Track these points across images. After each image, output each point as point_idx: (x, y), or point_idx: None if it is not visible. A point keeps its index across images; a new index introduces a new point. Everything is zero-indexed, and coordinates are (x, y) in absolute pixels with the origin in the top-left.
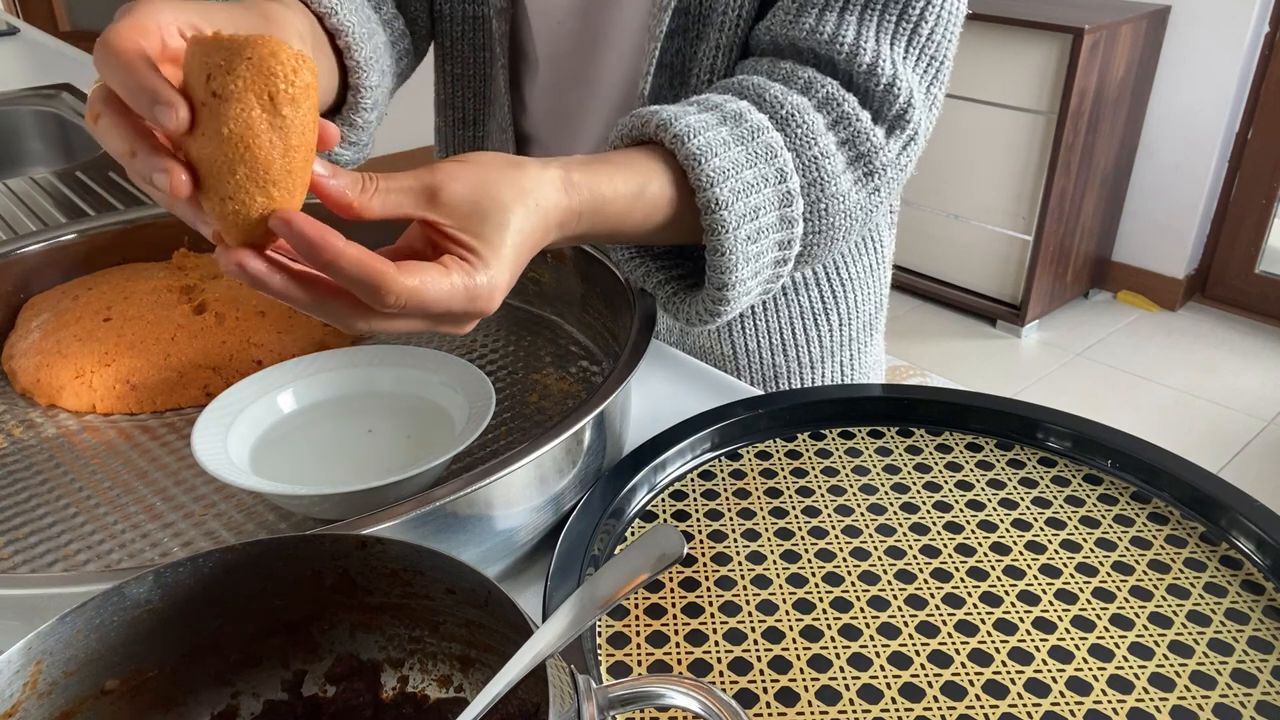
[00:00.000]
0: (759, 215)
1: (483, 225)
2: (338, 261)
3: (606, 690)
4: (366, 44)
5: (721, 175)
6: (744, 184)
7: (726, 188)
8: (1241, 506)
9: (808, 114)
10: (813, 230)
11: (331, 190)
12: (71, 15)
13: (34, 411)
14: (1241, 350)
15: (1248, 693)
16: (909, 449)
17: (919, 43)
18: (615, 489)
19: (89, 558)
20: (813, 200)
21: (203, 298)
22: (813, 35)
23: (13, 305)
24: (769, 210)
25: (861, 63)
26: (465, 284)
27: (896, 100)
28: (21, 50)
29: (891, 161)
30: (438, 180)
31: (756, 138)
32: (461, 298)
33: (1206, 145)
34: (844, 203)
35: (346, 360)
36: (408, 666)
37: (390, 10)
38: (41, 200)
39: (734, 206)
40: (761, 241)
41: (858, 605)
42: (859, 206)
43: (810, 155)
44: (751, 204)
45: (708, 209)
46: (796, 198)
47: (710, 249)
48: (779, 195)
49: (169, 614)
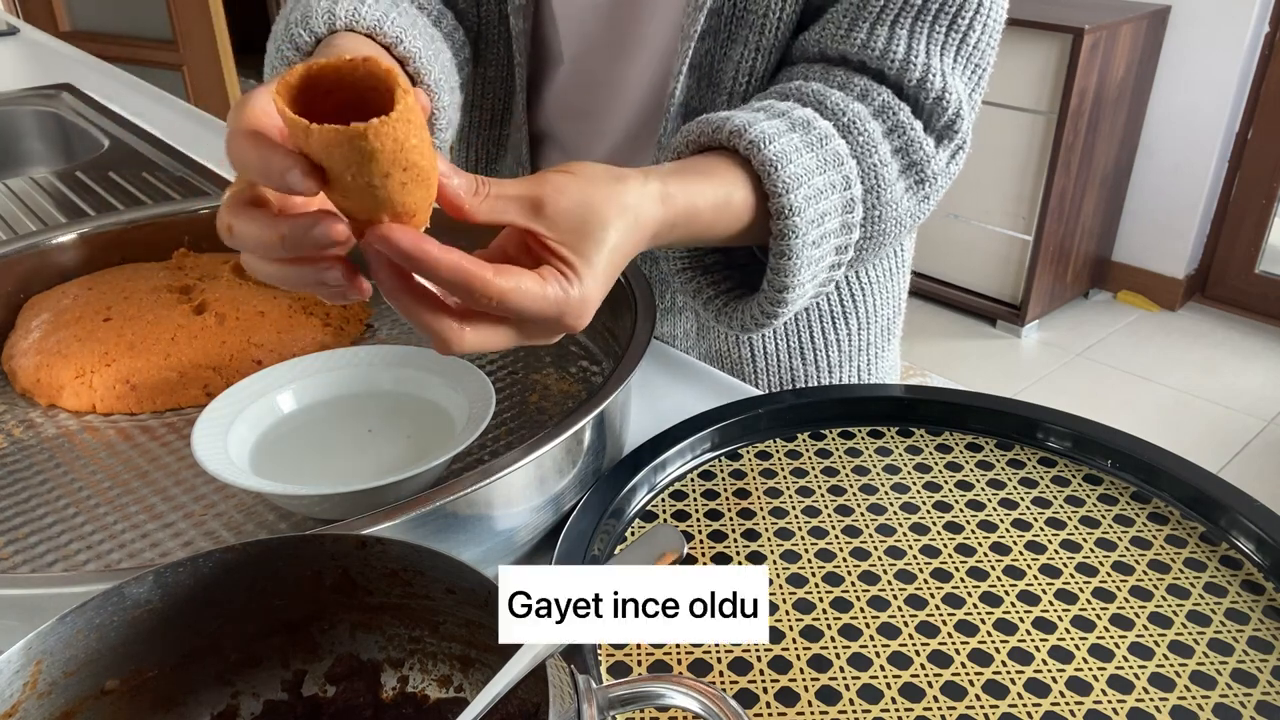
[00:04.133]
0: (824, 221)
1: (583, 241)
2: (436, 267)
3: (606, 690)
4: (435, 65)
5: (795, 182)
6: (814, 190)
7: (799, 194)
8: (1241, 506)
9: (867, 122)
10: (865, 235)
11: (449, 190)
12: (71, 15)
13: (34, 411)
14: (1241, 350)
15: (1248, 693)
16: (909, 449)
17: (966, 51)
18: (615, 489)
19: (89, 558)
20: (869, 206)
21: (203, 298)
22: (865, 49)
23: (13, 305)
24: (833, 216)
25: (913, 77)
26: (559, 296)
27: (946, 111)
28: (21, 50)
29: (941, 170)
30: (544, 193)
31: (824, 145)
32: (554, 309)
33: (1206, 145)
34: (896, 209)
35: (346, 360)
36: (408, 666)
37: (450, 23)
38: (41, 200)
39: (805, 212)
40: (824, 246)
41: (858, 605)
42: (909, 214)
43: (869, 163)
44: (819, 209)
45: (781, 214)
46: (857, 204)
47: (776, 253)
48: (843, 201)
49: (169, 614)
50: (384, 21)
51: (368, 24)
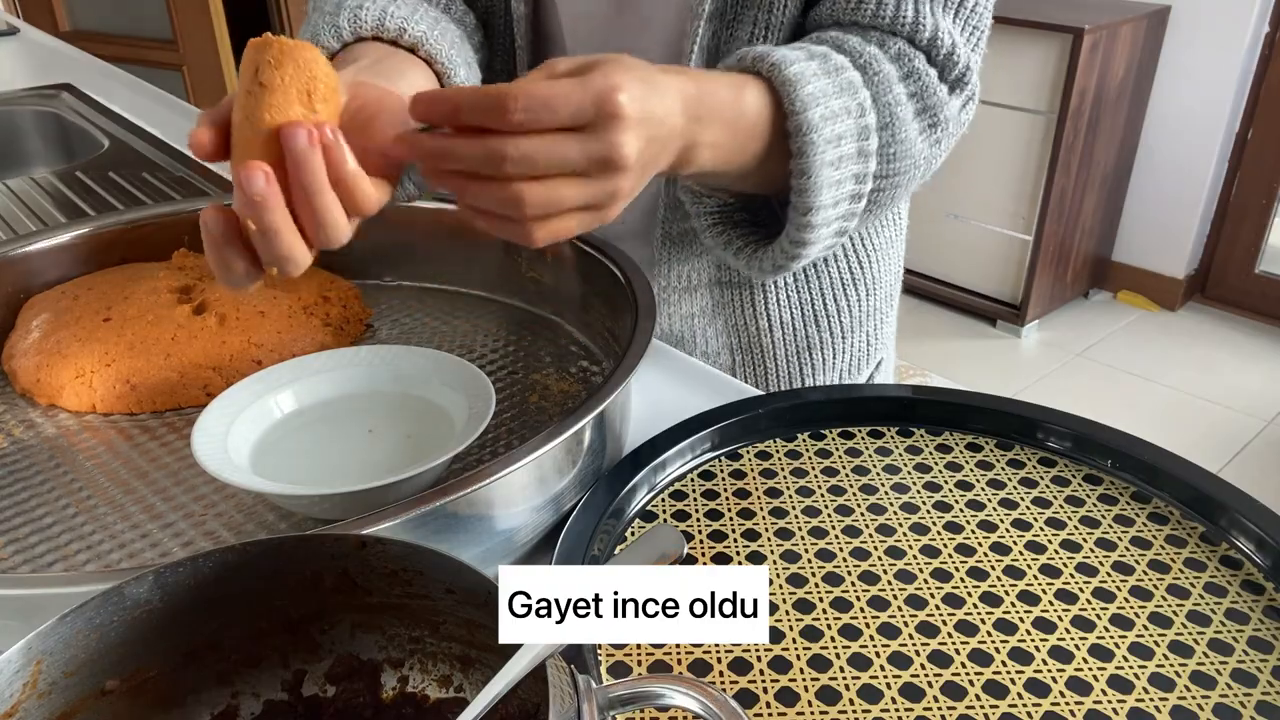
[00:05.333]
0: (841, 143)
1: (595, 62)
2: (458, 99)
3: (606, 690)
4: (444, 44)
5: (813, 100)
6: (830, 111)
7: (816, 112)
8: (1241, 506)
9: (883, 63)
10: (882, 174)
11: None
12: (71, 15)
13: (34, 411)
14: (1241, 350)
15: (1248, 693)
16: (909, 449)
17: (965, 13)
18: (615, 489)
19: (89, 558)
20: (884, 143)
21: (203, 298)
22: (875, 16)
23: (13, 305)
24: (849, 140)
25: (924, 36)
26: (585, 85)
27: (956, 65)
28: (21, 50)
29: (954, 117)
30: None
31: (840, 73)
32: (588, 98)
33: (1206, 145)
34: (911, 149)
35: (346, 360)
36: (408, 666)
37: (459, 8)
38: (41, 200)
39: (822, 130)
40: (842, 169)
41: (858, 605)
42: (923, 156)
43: (884, 100)
44: (836, 131)
45: (799, 131)
46: (873, 133)
47: (797, 172)
48: (859, 127)
49: (169, 614)
50: (384, 18)
51: (370, 25)
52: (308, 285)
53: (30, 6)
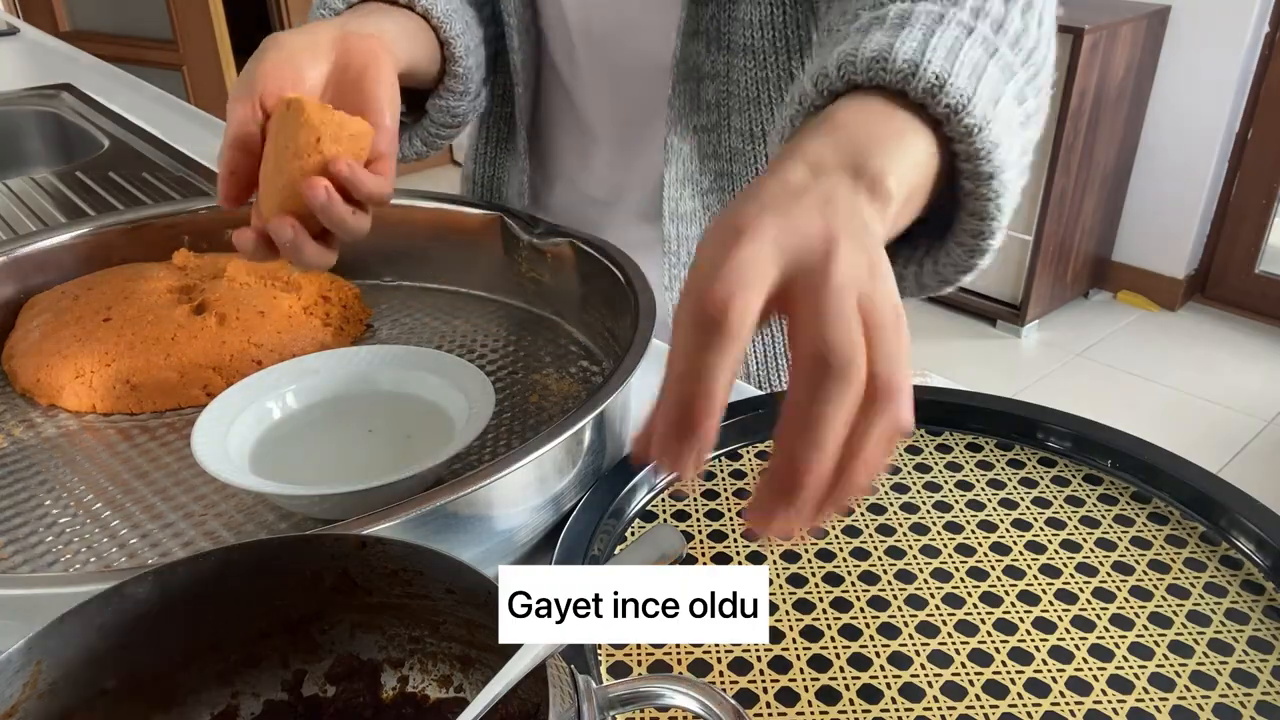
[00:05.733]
0: (978, 68)
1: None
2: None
3: (606, 690)
4: (440, 1)
5: (924, 52)
6: (948, 45)
7: (965, 74)
8: (1241, 506)
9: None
10: (1027, 77)
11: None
12: (71, 15)
13: (34, 411)
14: (1241, 350)
15: (1248, 693)
16: (909, 449)
17: None
18: (615, 489)
19: (89, 558)
20: (1001, 40)
21: (203, 298)
22: None
23: (13, 305)
24: (983, 64)
25: None
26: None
27: None
28: (21, 50)
29: None
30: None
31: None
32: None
33: (1206, 145)
34: (1025, 34)
35: (346, 360)
36: (408, 666)
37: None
38: (41, 200)
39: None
40: (1004, 98)
41: (858, 605)
42: (1040, 41)
43: (970, 5)
44: (968, 61)
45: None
46: (986, 37)
47: (965, 143)
48: (984, 48)
49: (169, 614)
50: None
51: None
52: (308, 285)
53: (30, 6)
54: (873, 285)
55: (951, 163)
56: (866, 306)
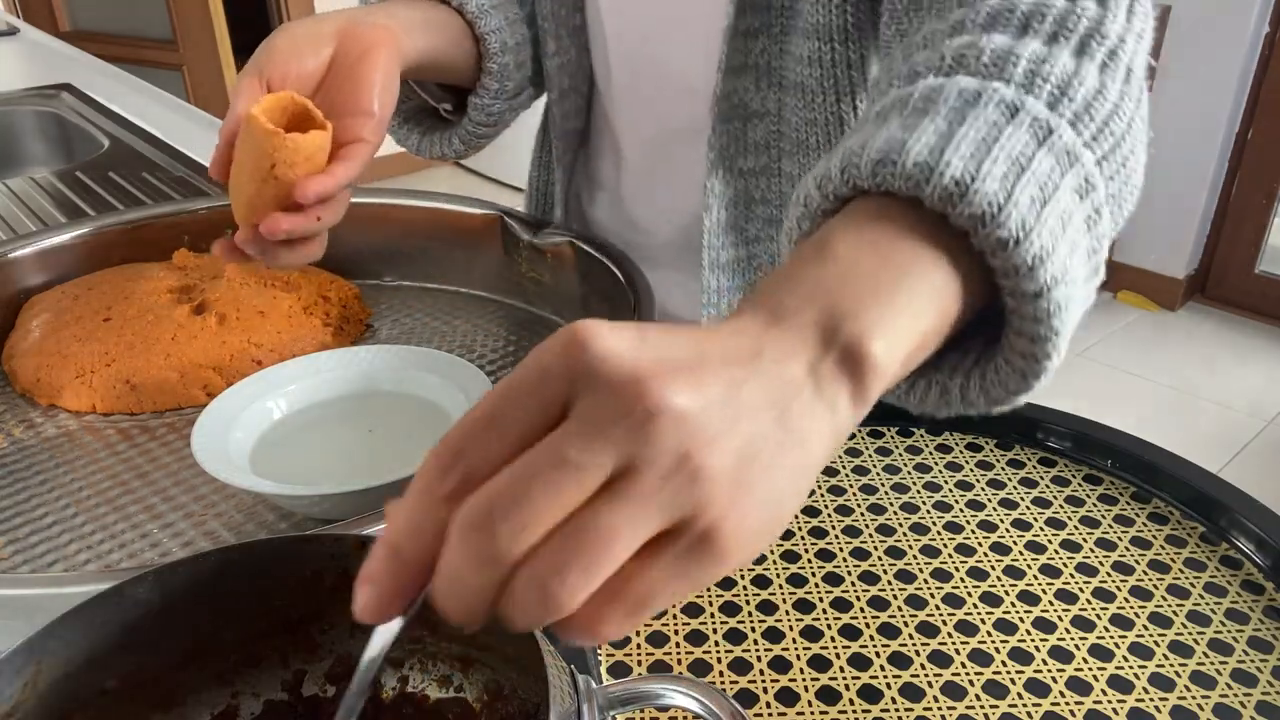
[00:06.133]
0: (1047, 190)
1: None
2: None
3: (606, 690)
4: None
5: (978, 166)
6: (1008, 160)
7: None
8: (1241, 506)
9: (982, 41)
10: (1099, 157)
11: None
12: (71, 15)
13: (34, 411)
14: (1241, 350)
15: (1248, 693)
16: (909, 449)
17: None
18: None
19: (89, 558)
20: (1062, 115)
21: (203, 298)
22: None
23: (13, 305)
24: (1029, 154)
25: None
26: (542, 352)
27: None
28: (21, 50)
29: (1125, 29)
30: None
31: (966, 104)
32: (554, 362)
33: (1206, 145)
34: (1105, 101)
35: (346, 360)
36: (408, 666)
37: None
38: (41, 200)
39: (1022, 196)
40: (1069, 224)
41: (858, 605)
42: (1125, 97)
43: (1021, 72)
44: (1036, 180)
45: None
46: (1037, 117)
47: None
48: (1031, 132)
49: (169, 614)
50: None
51: None
52: (308, 285)
53: (30, 6)
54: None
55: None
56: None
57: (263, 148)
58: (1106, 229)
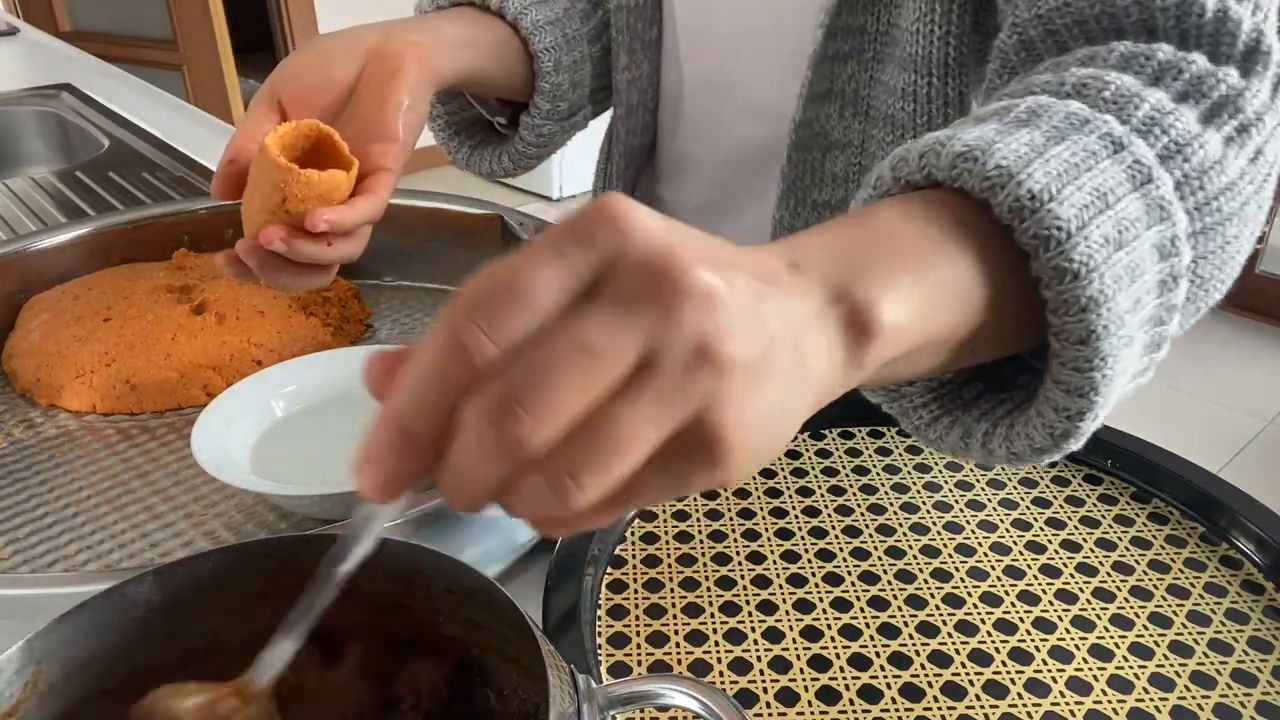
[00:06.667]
0: (1125, 238)
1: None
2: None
3: (606, 690)
4: (532, 11)
5: (1057, 191)
6: (1088, 191)
7: (1071, 206)
8: (1241, 506)
9: (1110, 77)
10: (1196, 228)
11: None
12: (71, 15)
13: (34, 411)
14: (1241, 350)
15: (1248, 693)
16: (909, 449)
17: None
18: None
19: (89, 558)
20: (1170, 170)
21: (203, 298)
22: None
23: (13, 305)
24: (1118, 194)
25: (1166, 3)
26: (574, 224)
27: (1236, 30)
28: (21, 50)
29: (1266, 105)
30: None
31: (1071, 125)
32: (585, 232)
33: None
34: (1222, 173)
35: (346, 360)
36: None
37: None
38: (41, 200)
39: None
40: (1137, 281)
41: (858, 605)
42: (1244, 179)
43: (1140, 116)
44: (1110, 221)
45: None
46: (1141, 160)
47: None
48: (1129, 173)
49: (169, 614)
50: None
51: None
52: None
53: (30, 6)
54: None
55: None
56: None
57: (274, 180)
58: (1178, 302)
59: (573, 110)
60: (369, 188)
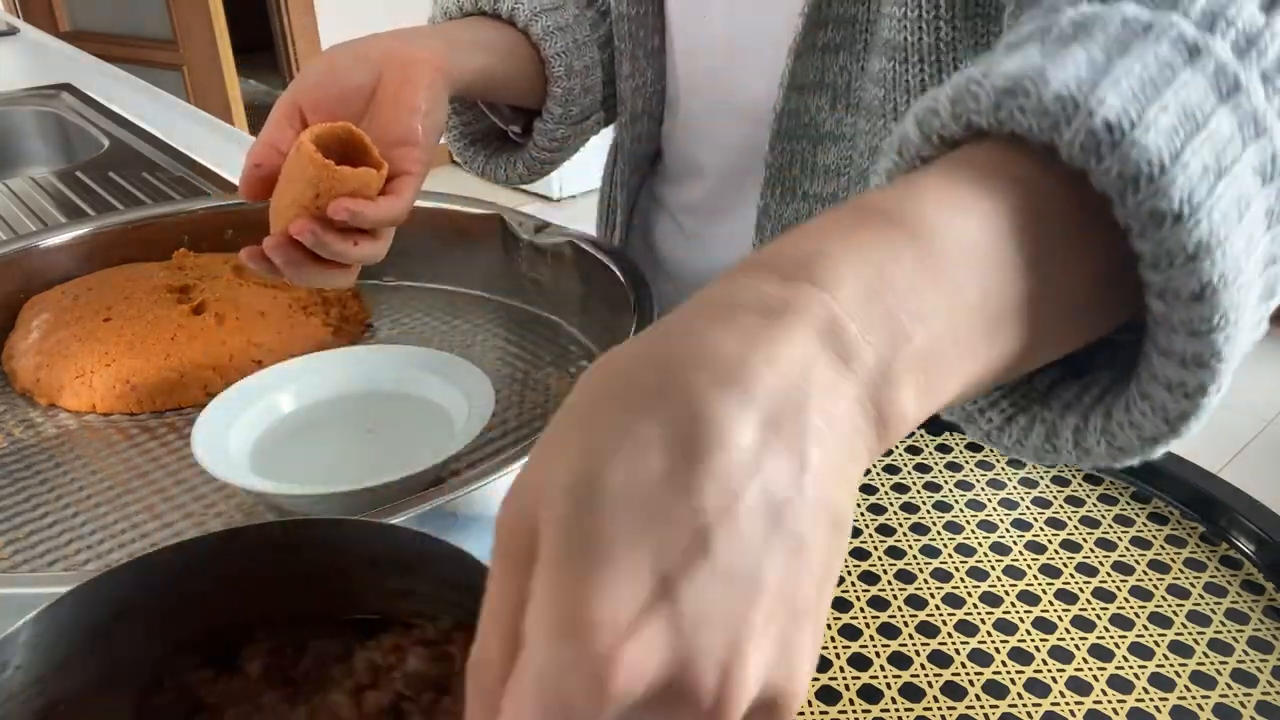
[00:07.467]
0: (1232, 173)
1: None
2: None
3: None
4: (542, 18)
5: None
6: (1180, 119)
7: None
8: (1241, 506)
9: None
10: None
11: None
12: (71, 15)
13: (34, 411)
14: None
15: (1248, 693)
16: (909, 449)
17: None
18: None
19: (89, 558)
20: (1250, 69)
21: (203, 298)
22: None
23: (13, 305)
24: (1207, 110)
25: None
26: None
27: None
28: (21, 50)
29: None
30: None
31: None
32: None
33: None
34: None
35: (346, 360)
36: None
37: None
38: (41, 200)
39: (1193, 170)
40: (1246, 218)
41: (858, 605)
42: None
43: (1198, 10)
44: (1209, 153)
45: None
46: (1224, 64)
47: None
48: (1213, 83)
49: (166, 612)
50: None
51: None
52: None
53: (30, 6)
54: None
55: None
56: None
57: (308, 176)
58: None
59: (585, 115)
60: (393, 190)
